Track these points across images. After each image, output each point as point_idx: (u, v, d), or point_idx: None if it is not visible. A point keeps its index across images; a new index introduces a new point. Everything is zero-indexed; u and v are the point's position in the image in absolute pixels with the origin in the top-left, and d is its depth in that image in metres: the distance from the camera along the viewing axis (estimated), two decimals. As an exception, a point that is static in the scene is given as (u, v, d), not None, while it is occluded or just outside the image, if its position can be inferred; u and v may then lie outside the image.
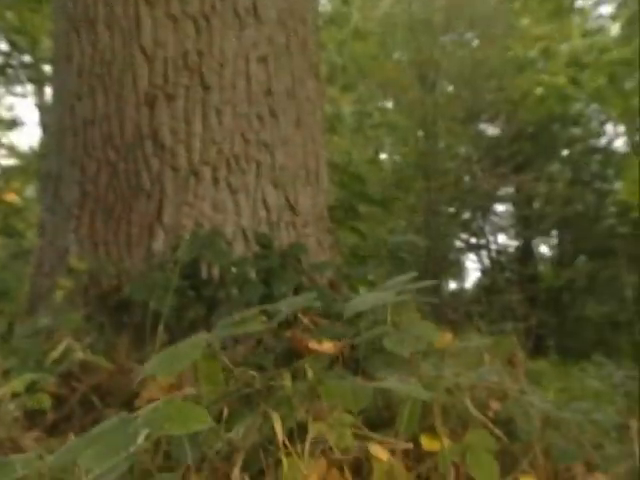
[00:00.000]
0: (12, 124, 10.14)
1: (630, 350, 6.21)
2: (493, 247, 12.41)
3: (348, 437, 1.49)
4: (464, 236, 12.65)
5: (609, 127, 10.85)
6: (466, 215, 12.43)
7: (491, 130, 11.93)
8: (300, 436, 1.42)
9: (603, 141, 10.95)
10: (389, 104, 11.81)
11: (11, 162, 10.17)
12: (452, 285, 12.85)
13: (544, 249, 12.39)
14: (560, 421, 1.73)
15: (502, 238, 12.51)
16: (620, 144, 11.51)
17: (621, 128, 10.46)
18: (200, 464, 1.36)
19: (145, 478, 1.21)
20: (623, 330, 7.79)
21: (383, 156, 11.72)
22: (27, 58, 8.22)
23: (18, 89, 9.30)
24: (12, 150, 10.18)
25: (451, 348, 1.96)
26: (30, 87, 9.31)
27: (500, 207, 12.50)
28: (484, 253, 12.44)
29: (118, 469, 0.83)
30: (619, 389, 2.78)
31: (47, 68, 8.20)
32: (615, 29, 8.97)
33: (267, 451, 1.36)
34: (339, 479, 1.37)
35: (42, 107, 8.79)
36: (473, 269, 16.21)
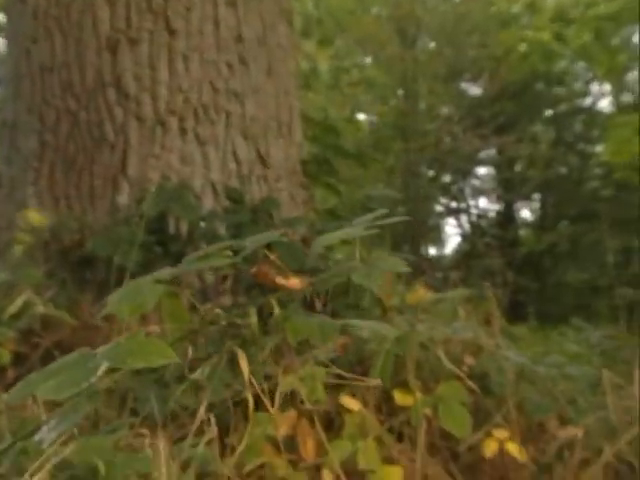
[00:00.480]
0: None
1: (609, 314, 6.36)
2: (473, 211, 12.53)
3: (319, 391, 1.52)
4: (444, 200, 12.74)
5: (594, 86, 10.92)
6: (446, 178, 12.49)
7: (473, 89, 11.93)
8: (271, 390, 1.45)
9: (588, 101, 11.03)
10: (367, 60, 11.72)
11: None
12: (432, 251, 12.96)
13: (526, 213, 12.55)
14: (534, 375, 1.79)
15: (483, 202, 12.62)
16: (605, 104, 11.61)
17: (607, 87, 10.53)
18: (167, 420, 1.38)
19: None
20: (603, 295, 7.97)
21: (361, 116, 11.66)
22: (-21, 6, 7.96)
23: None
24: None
25: (425, 303, 2.00)
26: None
27: (481, 170, 12.58)
28: (464, 217, 12.56)
29: (80, 411, 0.85)
30: (596, 349, 2.86)
31: (1, 17, 7.96)
32: (603, -17, 8.95)
33: (236, 405, 1.39)
34: (309, 430, 1.40)
35: (-3, 59, 8.55)
36: (453, 234, 16.36)
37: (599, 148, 10.29)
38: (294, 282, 0.76)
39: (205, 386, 0.86)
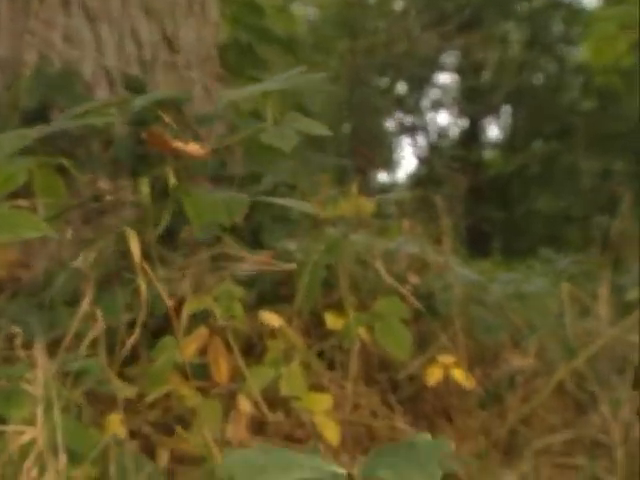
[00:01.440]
0: None
1: (582, 246, 6.63)
2: (432, 128, 12.64)
3: (237, 309, 1.56)
4: (398, 114, 12.79)
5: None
6: (401, 88, 12.51)
7: (434, -23, 11.85)
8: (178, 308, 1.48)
9: (569, -8, 11.11)
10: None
11: None
12: (382, 176, 13.07)
13: (493, 131, 12.73)
14: (486, 294, 1.87)
15: (443, 118, 12.75)
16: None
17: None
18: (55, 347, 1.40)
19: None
20: (576, 225, 8.26)
21: (296, 7, 11.46)
22: None
23: None
24: None
25: (365, 214, 2.05)
26: None
27: (442, 77, 12.64)
28: (421, 136, 12.67)
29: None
30: (563, 274, 3.00)
31: None
32: None
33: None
34: (223, 351, 1.44)
35: None
36: (408, 156, 16.51)
37: (580, 51, 10.44)
38: (194, 148, 0.77)
39: (88, 275, 0.88)
